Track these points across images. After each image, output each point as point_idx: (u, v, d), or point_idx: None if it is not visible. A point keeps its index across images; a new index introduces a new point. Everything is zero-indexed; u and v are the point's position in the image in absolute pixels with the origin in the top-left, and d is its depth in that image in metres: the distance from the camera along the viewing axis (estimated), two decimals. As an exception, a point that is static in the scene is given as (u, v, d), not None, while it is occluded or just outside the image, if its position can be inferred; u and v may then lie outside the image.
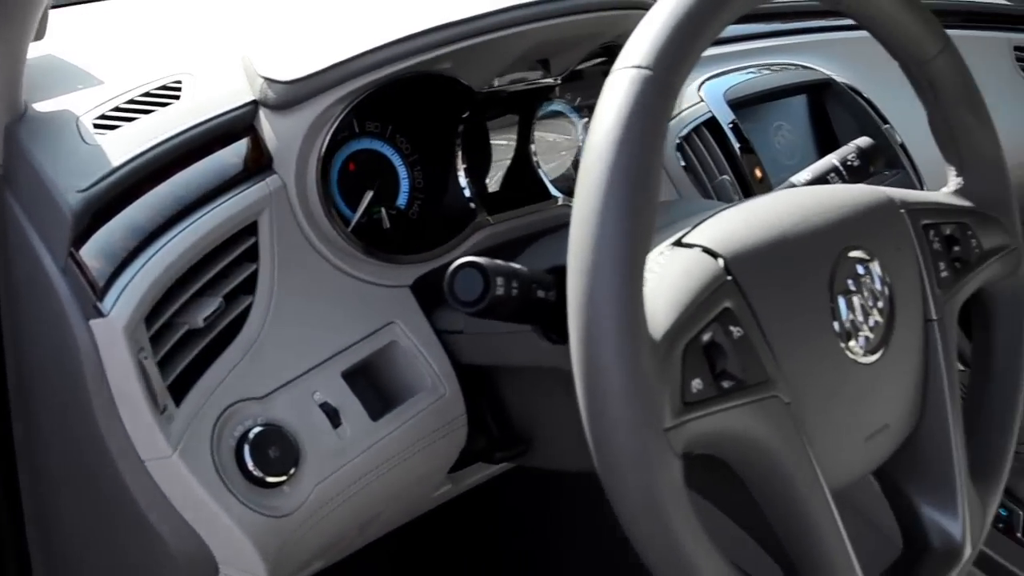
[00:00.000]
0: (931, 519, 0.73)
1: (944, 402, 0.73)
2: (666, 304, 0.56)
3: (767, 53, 1.32)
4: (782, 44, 1.36)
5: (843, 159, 0.90)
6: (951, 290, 0.75)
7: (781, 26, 1.40)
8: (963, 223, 0.77)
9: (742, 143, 1.12)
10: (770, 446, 0.59)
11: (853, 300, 0.66)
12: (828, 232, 0.66)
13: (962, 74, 0.77)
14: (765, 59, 1.30)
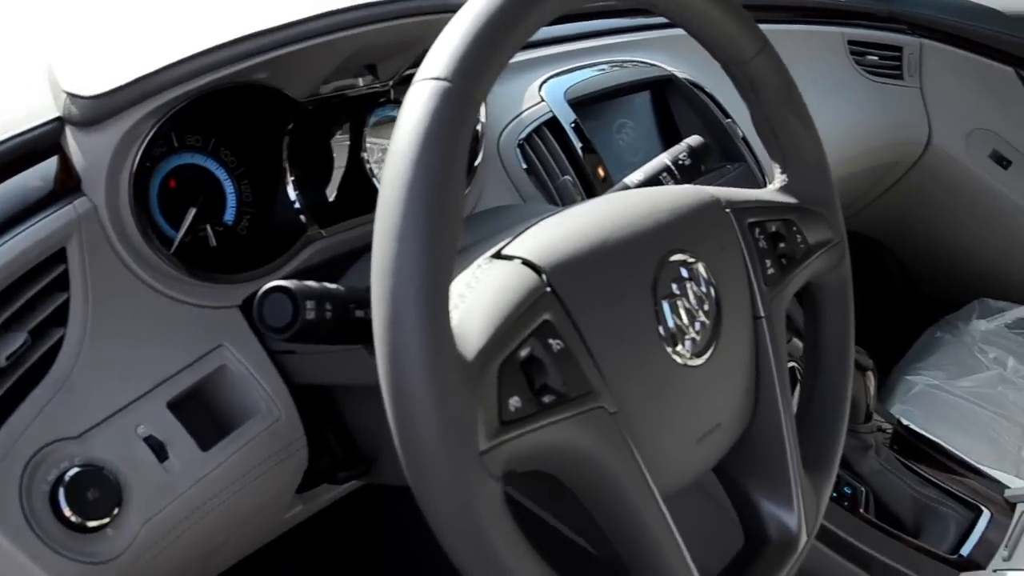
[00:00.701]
0: (769, 512, 0.74)
1: (775, 397, 0.73)
2: (481, 321, 0.54)
3: (609, 50, 1.33)
4: (625, 41, 1.37)
5: (675, 159, 0.90)
6: (778, 286, 0.75)
7: (624, 23, 1.40)
8: (788, 219, 0.78)
9: (584, 143, 1.12)
10: (597, 457, 0.59)
11: (678, 304, 0.65)
12: (650, 237, 0.66)
13: (781, 74, 0.78)
14: (607, 56, 1.30)
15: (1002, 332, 1.71)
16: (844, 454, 1.14)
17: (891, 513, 1.16)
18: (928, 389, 1.52)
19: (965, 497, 1.19)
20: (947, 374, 1.56)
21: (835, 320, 0.83)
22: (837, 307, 0.83)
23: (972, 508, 1.17)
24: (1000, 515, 1.16)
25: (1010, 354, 1.63)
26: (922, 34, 1.84)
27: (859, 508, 1.14)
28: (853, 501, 1.14)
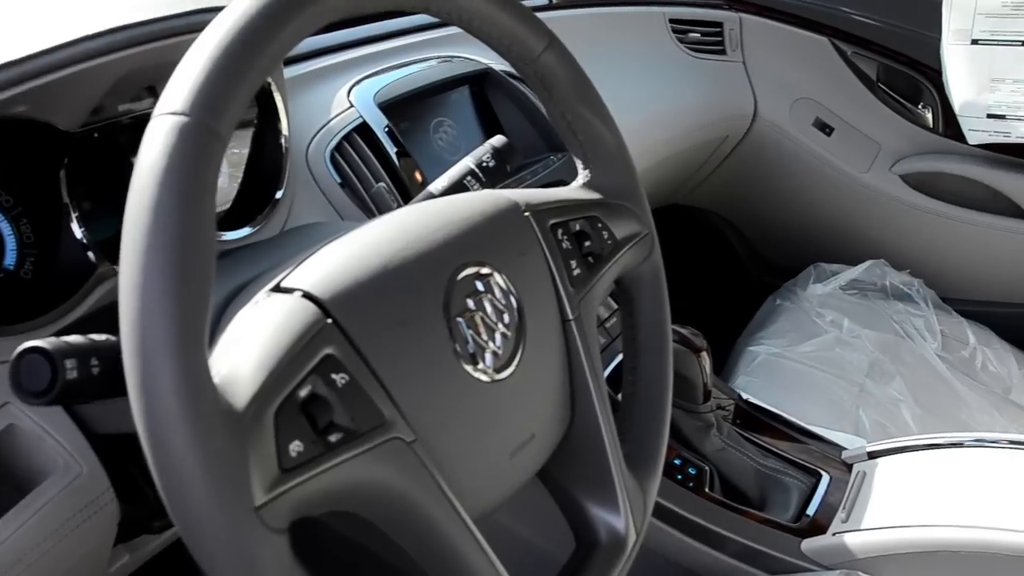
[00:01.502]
0: (596, 515, 0.74)
1: (591, 399, 0.73)
2: (254, 365, 0.51)
3: (423, 47, 1.30)
4: (438, 36, 1.34)
5: (478, 161, 0.89)
6: (586, 287, 0.74)
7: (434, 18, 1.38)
8: (593, 216, 0.77)
9: (399, 147, 1.09)
10: (398, 489, 0.57)
11: (475, 319, 0.64)
12: (438, 253, 0.64)
13: (571, 69, 0.77)
14: (421, 54, 1.28)
15: (837, 295, 1.76)
16: (686, 435, 1.16)
17: (737, 489, 1.18)
18: (770, 358, 1.55)
19: (806, 464, 1.21)
20: (787, 341, 1.59)
21: (650, 314, 0.83)
22: (651, 300, 0.83)
23: (813, 474, 1.20)
24: (839, 477, 1.19)
25: (845, 315, 1.68)
26: (739, 8, 1.87)
27: (704, 488, 1.15)
28: (699, 481, 1.15)
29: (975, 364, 1.72)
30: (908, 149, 1.88)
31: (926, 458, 1.18)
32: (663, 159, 1.67)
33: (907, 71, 1.88)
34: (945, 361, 1.68)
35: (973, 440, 1.18)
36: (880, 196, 1.88)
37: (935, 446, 1.19)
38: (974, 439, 1.18)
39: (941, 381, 1.62)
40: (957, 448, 1.18)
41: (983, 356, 1.73)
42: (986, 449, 1.16)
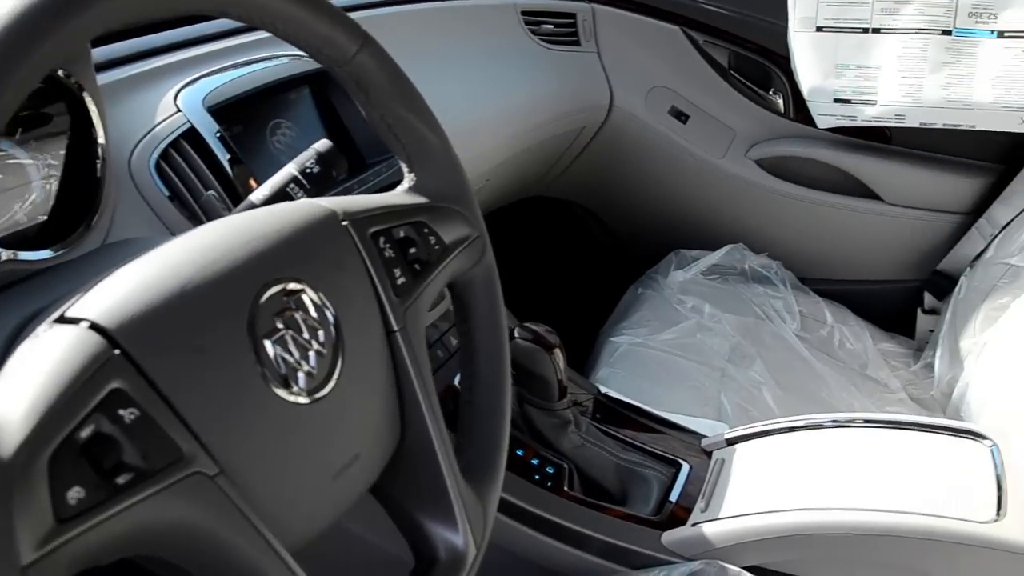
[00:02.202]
0: (433, 531, 0.71)
1: (422, 411, 0.70)
2: (27, 407, 0.47)
3: (258, 47, 1.25)
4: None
5: (302, 167, 0.85)
6: (412, 295, 0.72)
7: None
8: (419, 222, 0.75)
9: (231, 153, 1.04)
10: (201, 528, 0.53)
11: (286, 339, 0.60)
12: (241, 270, 0.60)
13: (387, 69, 0.74)
14: (255, 53, 1.23)
15: (698, 280, 1.77)
16: (544, 434, 1.14)
17: (597, 484, 1.17)
18: (632, 348, 1.55)
19: (666, 454, 1.21)
20: (649, 330, 1.60)
21: (485, 318, 0.80)
22: (485, 304, 0.81)
23: (673, 464, 1.20)
24: (699, 466, 1.19)
25: (706, 301, 1.69)
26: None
27: (564, 487, 1.14)
28: (558, 480, 1.14)
29: (833, 342, 1.76)
30: (762, 134, 1.91)
31: (783, 442, 1.19)
32: (521, 151, 1.66)
33: (757, 58, 1.91)
34: (804, 341, 1.71)
35: (830, 421, 1.20)
36: (737, 181, 1.91)
37: (793, 429, 1.20)
38: (831, 420, 1.20)
39: (801, 361, 1.65)
40: (815, 430, 1.19)
41: (840, 334, 1.77)
42: (842, 429, 1.18)
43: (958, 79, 1.75)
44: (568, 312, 1.81)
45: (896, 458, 1.11)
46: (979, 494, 1.04)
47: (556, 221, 2.03)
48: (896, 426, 1.17)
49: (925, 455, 1.11)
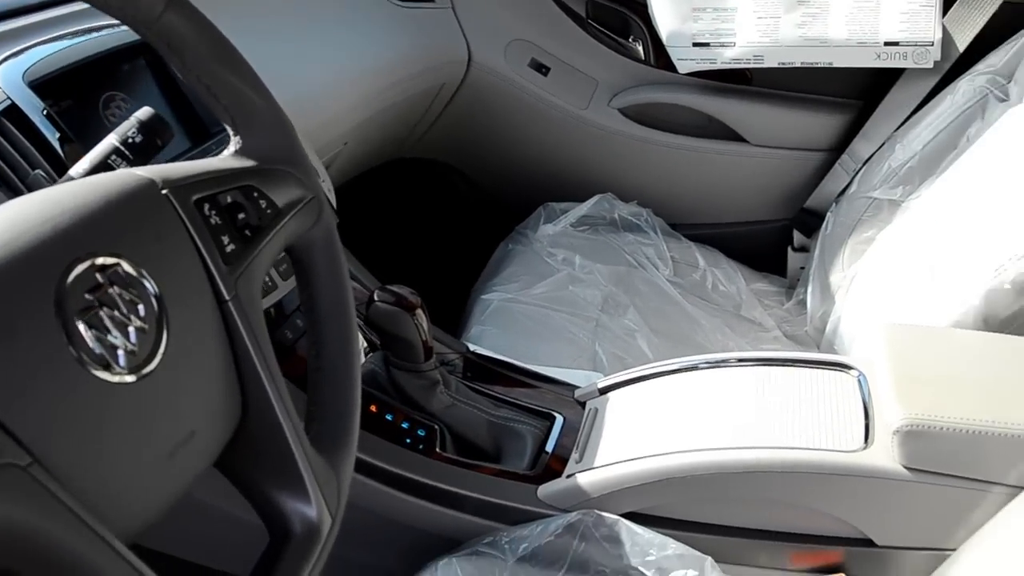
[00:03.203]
0: (286, 505, 0.69)
1: (262, 382, 0.67)
2: None
3: (87, 16, 1.18)
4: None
5: (123, 137, 0.80)
6: (243, 262, 0.68)
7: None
8: (247, 186, 0.71)
9: (60, 130, 0.98)
10: (19, 523, 0.49)
11: (101, 316, 0.56)
12: (46, 247, 0.55)
13: (200, 27, 0.70)
14: (85, 23, 1.16)
15: (568, 232, 1.77)
16: (412, 396, 1.12)
17: (471, 444, 1.16)
18: (503, 304, 1.53)
19: (539, 408, 1.20)
20: (520, 284, 1.58)
21: (328, 282, 0.77)
22: (327, 268, 0.78)
23: (547, 417, 1.19)
24: (573, 418, 1.19)
25: (576, 252, 1.69)
26: (442, -47, 1.83)
27: (436, 448, 1.12)
28: (429, 442, 1.12)
29: (706, 286, 1.77)
30: (624, 82, 1.90)
31: (657, 386, 1.19)
32: (379, 112, 1.62)
33: (615, 6, 1.90)
34: (677, 286, 1.72)
35: (704, 362, 1.20)
36: (602, 131, 1.90)
37: (666, 373, 1.20)
38: (705, 361, 1.20)
39: (674, 306, 1.66)
40: (689, 372, 1.19)
41: (713, 277, 1.79)
42: (717, 370, 1.19)
43: (813, 17, 1.78)
44: (440, 273, 1.79)
45: (767, 395, 1.12)
46: (847, 424, 1.05)
47: (424, 182, 1.99)
48: (768, 363, 1.18)
49: (796, 390, 1.12)
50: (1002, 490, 0.97)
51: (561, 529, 1.03)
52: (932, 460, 0.98)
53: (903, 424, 0.97)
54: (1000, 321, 1.19)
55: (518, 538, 1.04)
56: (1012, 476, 0.96)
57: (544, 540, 1.03)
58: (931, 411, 0.97)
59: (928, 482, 0.99)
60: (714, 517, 1.05)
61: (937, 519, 1.00)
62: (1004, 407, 0.98)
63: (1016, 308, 1.18)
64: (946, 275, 1.31)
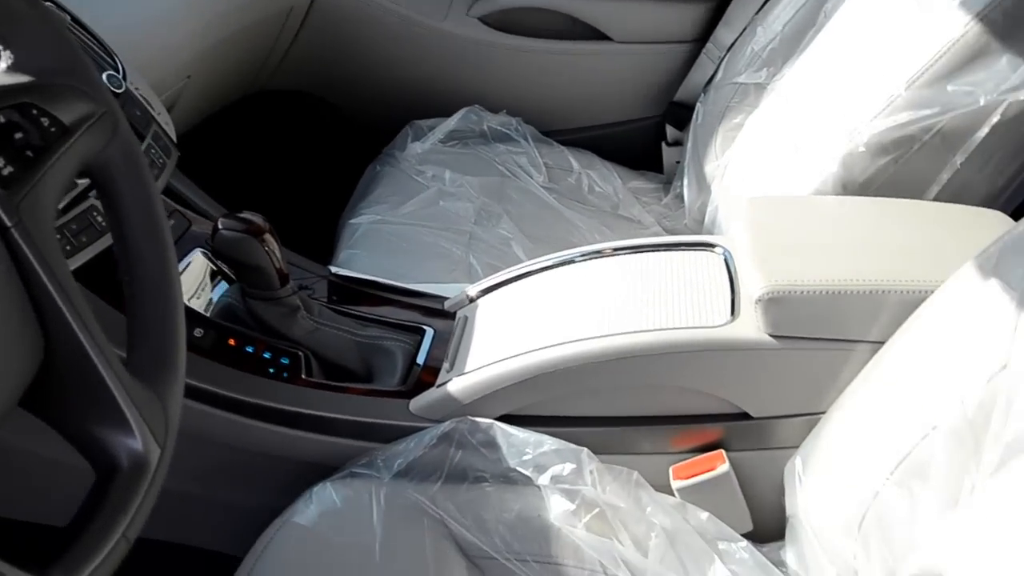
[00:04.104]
0: (108, 439, 0.65)
1: (61, 312, 0.63)
2: None
3: None
4: None
5: None
6: (26, 185, 0.63)
7: None
8: (23, 104, 0.66)
9: None
10: None
11: None
12: None
13: None
14: None
15: (437, 149, 1.72)
16: (271, 324, 1.08)
17: (339, 366, 1.12)
18: (372, 227, 1.49)
19: (408, 323, 1.17)
20: (389, 205, 1.54)
21: (133, 201, 0.72)
22: (130, 186, 0.72)
23: (416, 331, 1.16)
24: (443, 329, 1.16)
25: (446, 167, 1.65)
26: None
27: (302, 374, 1.08)
28: (294, 369, 1.08)
29: (582, 189, 1.75)
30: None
31: (528, 286, 1.17)
32: (222, 40, 1.54)
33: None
34: (553, 192, 1.69)
35: (579, 255, 1.18)
36: (463, 42, 1.85)
37: (537, 271, 1.18)
38: (580, 253, 1.18)
39: (550, 211, 1.64)
40: (563, 267, 1.17)
41: (588, 179, 1.76)
42: (591, 262, 1.17)
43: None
44: (309, 204, 1.74)
45: (637, 282, 1.10)
46: (714, 301, 1.05)
47: (287, 114, 1.92)
48: (642, 250, 1.16)
49: (664, 274, 1.10)
50: (865, 347, 0.97)
51: (436, 440, 1.01)
52: (796, 325, 0.98)
53: (764, 292, 0.96)
54: (859, 185, 1.19)
55: (393, 454, 1.02)
56: (873, 332, 0.96)
57: (419, 453, 1.01)
58: (791, 276, 0.97)
59: (795, 348, 0.98)
60: (589, 409, 1.04)
61: (807, 384, 1.00)
62: (861, 266, 0.98)
63: (872, 171, 1.18)
64: (807, 147, 1.30)
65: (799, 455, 0.98)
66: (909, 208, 1.12)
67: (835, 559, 0.90)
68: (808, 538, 0.94)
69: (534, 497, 0.98)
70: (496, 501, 0.99)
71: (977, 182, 1.18)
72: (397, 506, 0.97)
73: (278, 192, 1.76)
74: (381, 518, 0.96)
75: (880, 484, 0.84)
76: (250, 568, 0.93)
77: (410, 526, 0.96)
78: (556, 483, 0.97)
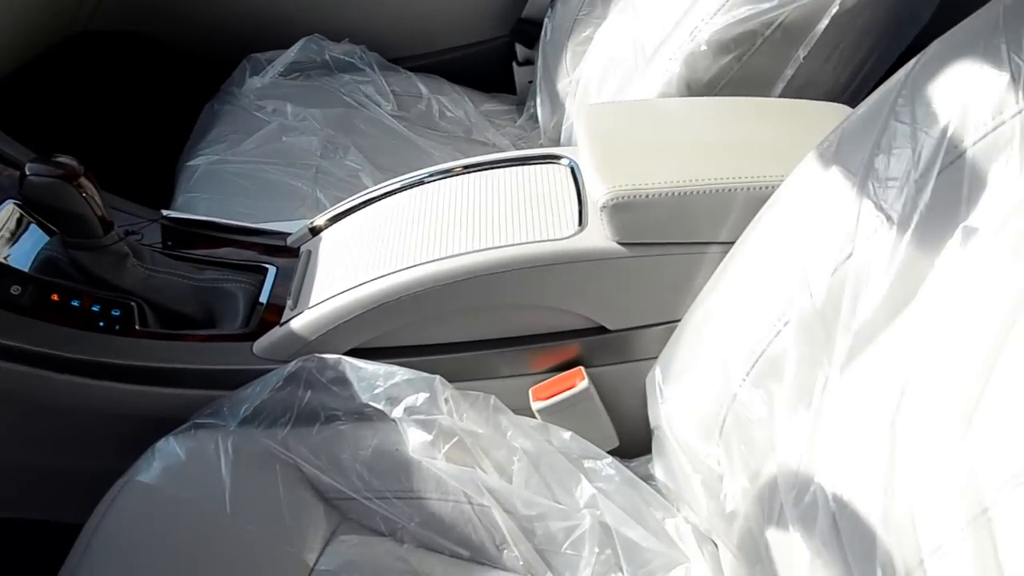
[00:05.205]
0: None
1: None
2: None
3: None
4: None
5: None
6: None
7: None
8: None
9: None
10: None
11: None
12: None
13: None
14: None
15: (278, 82, 1.64)
16: (99, 274, 1.01)
17: (176, 313, 1.06)
18: (211, 167, 1.41)
19: (248, 263, 1.11)
20: (228, 144, 1.46)
21: None
22: None
23: (258, 271, 1.10)
24: (287, 266, 1.10)
25: (288, 101, 1.57)
26: None
27: (135, 325, 1.01)
28: (126, 321, 1.01)
29: (433, 115, 1.69)
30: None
31: (373, 212, 1.11)
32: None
33: None
34: (403, 120, 1.63)
35: (428, 175, 1.13)
36: (297, -34, 1.75)
37: (386, 195, 1.13)
38: (428, 174, 1.13)
39: (400, 139, 1.58)
40: (412, 189, 1.12)
41: (439, 105, 1.71)
42: (440, 182, 1.12)
43: None
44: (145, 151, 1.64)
45: (486, 199, 1.06)
46: (562, 213, 1.01)
47: (114, 56, 1.80)
48: (493, 166, 1.11)
49: (515, 189, 1.06)
50: (717, 249, 0.95)
51: (282, 381, 0.96)
52: (644, 231, 0.95)
53: (608, 198, 0.93)
54: (703, 85, 1.16)
55: (238, 400, 0.96)
56: (723, 233, 0.95)
57: (265, 396, 0.96)
58: (634, 180, 0.94)
59: (645, 255, 0.96)
60: (441, 336, 1.00)
61: (661, 292, 0.98)
62: (706, 165, 0.96)
63: (716, 70, 1.16)
64: (651, 50, 1.27)
65: (658, 365, 0.96)
66: (753, 105, 1.10)
67: (699, 467, 0.88)
68: (673, 448, 0.92)
69: (390, 431, 0.94)
70: (351, 439, 0.94)
71: (822, 76, 1.17)
72: (246, 454, 0.92)
73: (108, 139, 1.65)
74: (230, 468, 0.91)
75: (737, 386, 0.83)
76: (91, 533, 0.87)
77: (261, 473, 0.92)
78: (411, 414, 0.93)
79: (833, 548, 0.70)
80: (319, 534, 0.90)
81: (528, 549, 0.91)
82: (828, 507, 0.71)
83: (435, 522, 0.92)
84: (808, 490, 0.74)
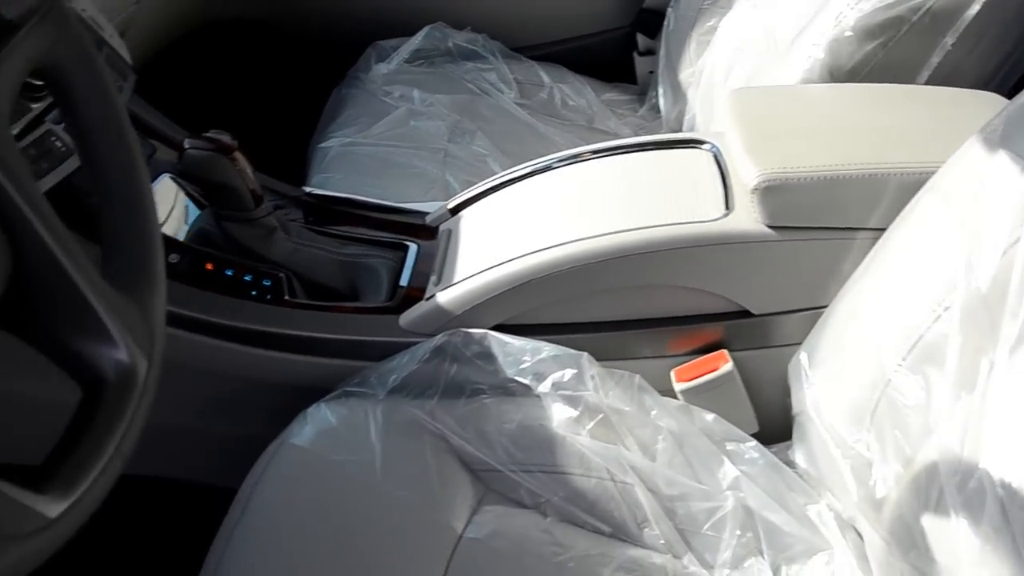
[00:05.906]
0: (91, 350, 0.61)
1: (30, 222, 0.58)
2: None
3: None
4: None
5: None
6: None
7: None
8: None
9: None
10: None
11: None
12: None
13: None
14: None
15: (403, 69, 1.66)
16: (250, 246, 1.03)
17: (322, 286, 1.08)
18: (343, 149, 1.44)
19: (389, 240, 1.13)
20: (358, 127, 1.49)
21: (93, 103, 0.67)
22: (88, 86, 0.67)
23: (399, 248, 1.12)
24: (427, 244, 1.12)
25: (414, 87, 1.59)
26: None
27: (285, 296, 1.04)
28: (276, 291, 1.04)
29: (555, 103, 1.70)
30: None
31: (509, 194, 1.13)
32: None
33: None
34: (525, 107, 1.65)
35: (557, 160, 1.14)
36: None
37: (518, 179, 1.14)
38: (557, 159, 1.14)
39: (524, 126, 1.59)
40: (542, 174, 1.13)
41: (561, 94, 1.72)
42: (571, 166, 1.12)
43: None
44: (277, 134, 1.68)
45: (624, 181, 1.07)
46: (707, 196, 1.01)
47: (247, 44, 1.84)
48: (623, 151, 1.12)
49: (652, 172, 1.07)
50: (866, 235, 0.94)
51: (429, 354, 0.98)
52: (794, 214, 0.94)
53: (759, 181, 0.93)
54: (846, 72, 1.15)
55: (386, 371, 0.98)
56: (873, 219, 0.94)
57: (413, 368, 0.98)
58: (785, 163, 0.94)
59: (794, 239, 0.96)
60: (583, 315, 1.00)
61: (808, 278, 0.97)
62: (856, 151, 0.95)
63: (860, 56, 1.14)
64: (789, 36, 1.26)
65: (804, 351, 0.95)
66: (901, 92, 1.08)
67: (847, 452, 0.87)
68: (818, 434, 0.91)
69: (535, 406, 0.95)
70: (496, 413, 0.96)
71: (968, 64, 1.14)
72: (395, 422, 0.94)
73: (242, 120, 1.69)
74: (380, 434, 0.93)
75: (892, 371, 0.82)
76: (250, 491, 0.90)
77: (410, 441, 0.93)
78: (557, 390, 0.94)
79: (1004, 535, 0.69)
80: (466, 503, 0.91)
81: (669, 528, 0.91)
82: (996, 493, 0.70)
83: (578, 497, 0.92)
84: (973, 476, 0.72)
